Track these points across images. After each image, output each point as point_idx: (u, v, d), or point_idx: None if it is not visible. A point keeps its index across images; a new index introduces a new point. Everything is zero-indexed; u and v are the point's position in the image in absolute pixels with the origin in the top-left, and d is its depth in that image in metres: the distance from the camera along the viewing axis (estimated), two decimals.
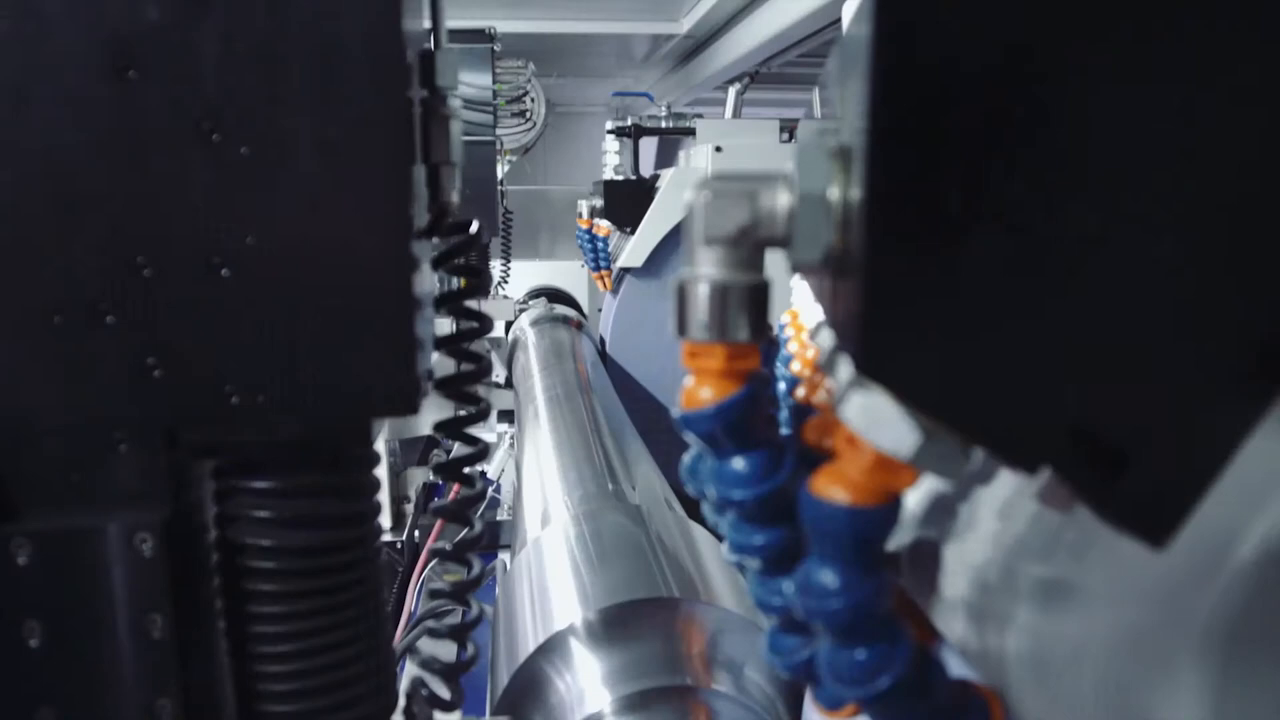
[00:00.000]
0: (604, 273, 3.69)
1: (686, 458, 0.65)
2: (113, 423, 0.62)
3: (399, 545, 2.61)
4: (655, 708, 0.93)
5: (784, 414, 0.70)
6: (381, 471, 2.77)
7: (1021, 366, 0.37)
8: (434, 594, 0.73)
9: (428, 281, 0.71)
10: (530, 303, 4.08)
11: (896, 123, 0.36)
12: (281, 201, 0.61)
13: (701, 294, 0.44)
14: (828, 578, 0.42)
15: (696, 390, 0.46)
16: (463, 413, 0.72)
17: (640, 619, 1.00)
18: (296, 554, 0.64)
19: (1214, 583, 0.37)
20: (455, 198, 0.70)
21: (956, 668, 0.51)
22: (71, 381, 0.61)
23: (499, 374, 3.69)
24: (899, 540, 0.62)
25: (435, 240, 0.73)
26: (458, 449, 0.77)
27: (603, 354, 3.36)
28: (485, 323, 0.72)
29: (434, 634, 0.73)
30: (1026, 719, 0.47)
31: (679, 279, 0.45)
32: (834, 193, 0.41)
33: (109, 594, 0.60)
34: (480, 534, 0.72)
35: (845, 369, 0.49)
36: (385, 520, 2.75)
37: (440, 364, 0.74)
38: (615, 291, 3.46)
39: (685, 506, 1.51)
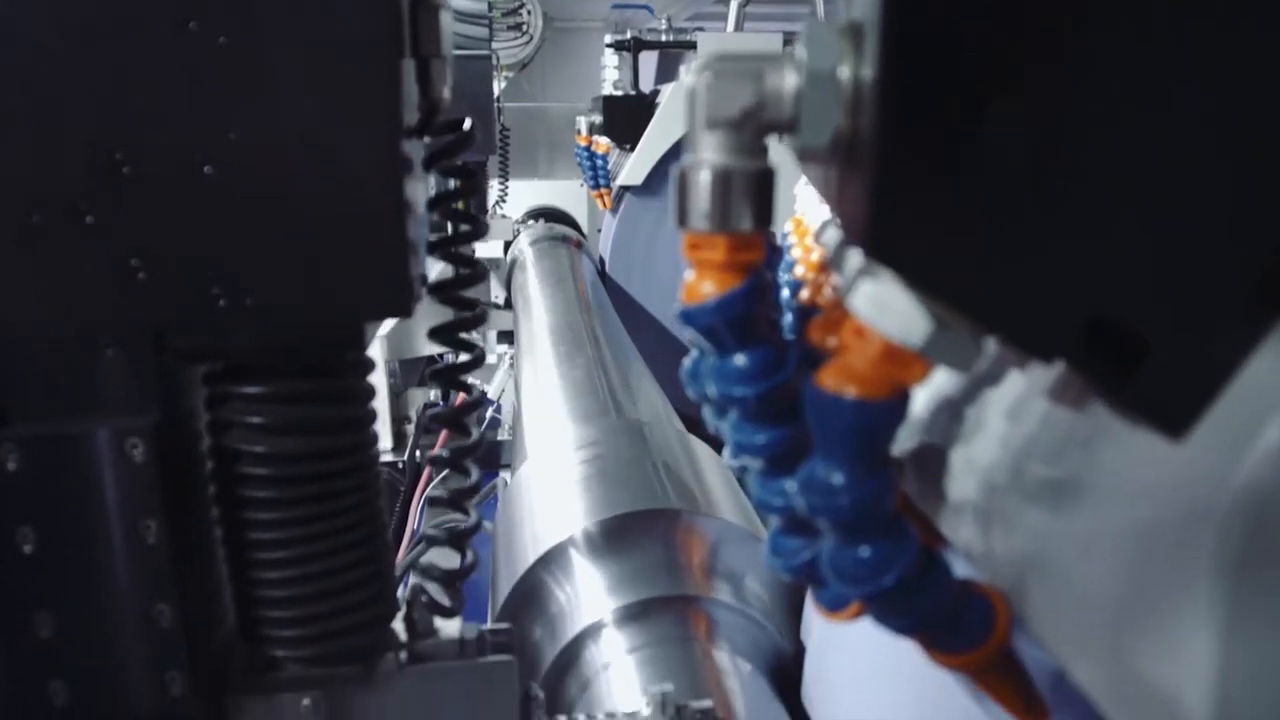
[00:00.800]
0: (603, 191, 3.63)
1: (687, 361, 0.64)
2: (98, 327, 0.60)
3: (400, 466, 2.61)
4: (655, 617, 0.94)
5: (788, 319, 0.69)
6: (381, 392, 2.78)
7: (1040, 252, 0.35)
8: (433, 502, 0.73)
9: (420, 182, 0.69)
10: (529, 223, 4.03)
11: None
12: (263, 95, 0.58)
13: (703, 181, 0.42)
14: (832, 474, 0.40)
15: (697, 284, 0.44)
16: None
17: (640, 530, 1.00)
18: (290, 460, 0.63)
19: (1232, 480, 0.36)
20: (446, 94, 0.67)
21: (961, 571, 0.51)
22: (53, 284, 0.59)
23: (498, 295, 3.67)
24: (902, 446, 0.61)
25: (427, 140, 0.70)
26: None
27: (602, 274, 3.33)
28: (478, 227, 0.70)
29: (433, 541, 0.73)
30: (1031, 618, 0.46)
31: (680, 166, 0.43)
32: (844, 71, 0.39)
33: (101, 500, 0.59)
34: (478, 441, 0.71)
35: (853, 260, 0.47)
36: (386, 441, 2.76)
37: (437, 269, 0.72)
38: (615, 210, 3.42)
39: (686, 428, 1.51)
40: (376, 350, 2.79)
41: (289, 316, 0.60)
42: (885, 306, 0.38)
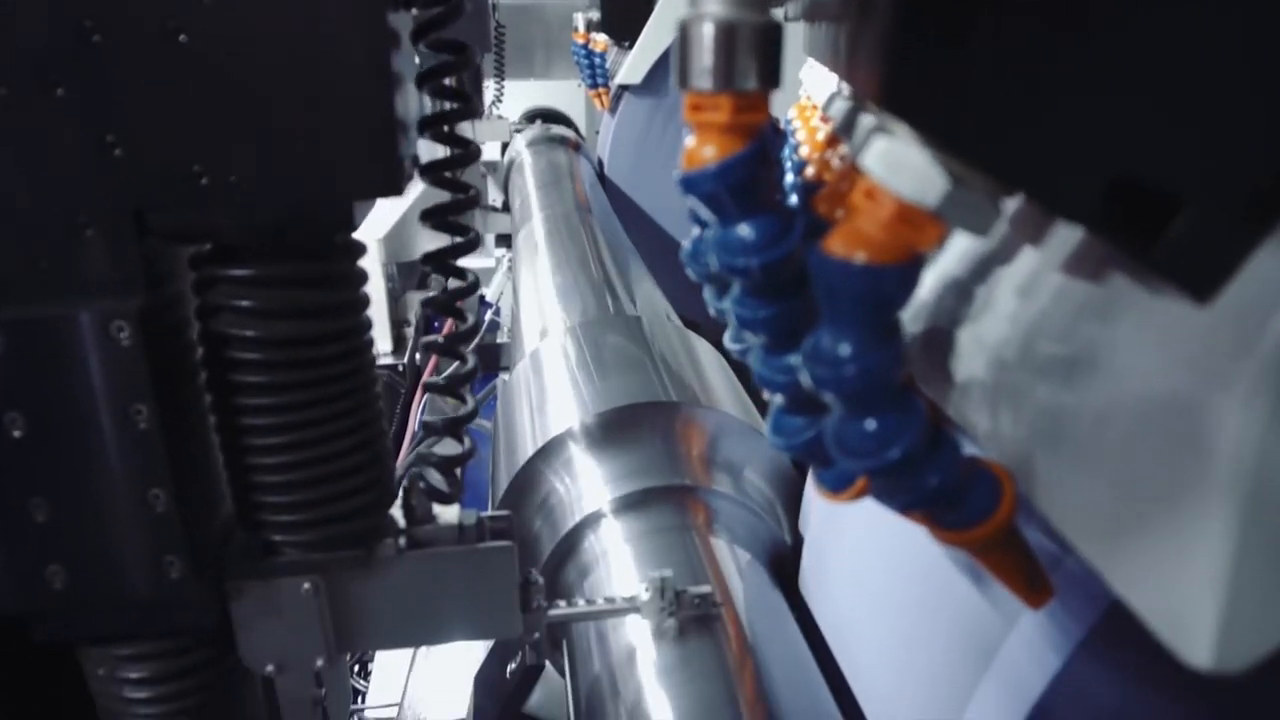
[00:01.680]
0: (601, 90, 3.53)
1: (687, 243, 0.62)
2: (75, 206, 0.58)
3: (400, 369, 2.61)
4: (654, 506, 0.94)
5: (793, 202, 0.66)
6: (380, 295, 2.76)
7: (1067, 103, 0.33)
8: (431, 388, 0.71)
9: (409, 58, 0.65)
10: (526, 124, 3.94)
11: None
12: None
13: (705, 35, 0.39)
14: (839, 344, 0.39)
15: (699, 148, 0.42)
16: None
17: (639, 422, 0.99)
18: (281, 345, 0.62)
19: (1258, 345, 0.34)
20: None
21: (967, 452, 0.50)
22: (26, 161, 0.57)
23: (495, 198, 3.61)
24: (907, 330, 0.60)
25: (414, 12, 0.67)
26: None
27: (601, 176, 3.27)
28: (470, 104, 0.67)
29: (430, 429, 0.72)
30: (1039, 496, 0.45)
31: (681, 20, 0.40)
32: None
33: (89, 384, 0.58)
34: (475, 325, 0.70)
35: (865, 122, 0.45)
36: (385, 344, 2.75)
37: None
38: (613, 110, 3.33)
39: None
40: (374, 253, 2.76)
41: (273, 195, 0.58)
42: (899, 163, 0.36)
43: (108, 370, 0.58)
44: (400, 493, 0.71)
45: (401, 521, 0.71)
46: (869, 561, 0.85)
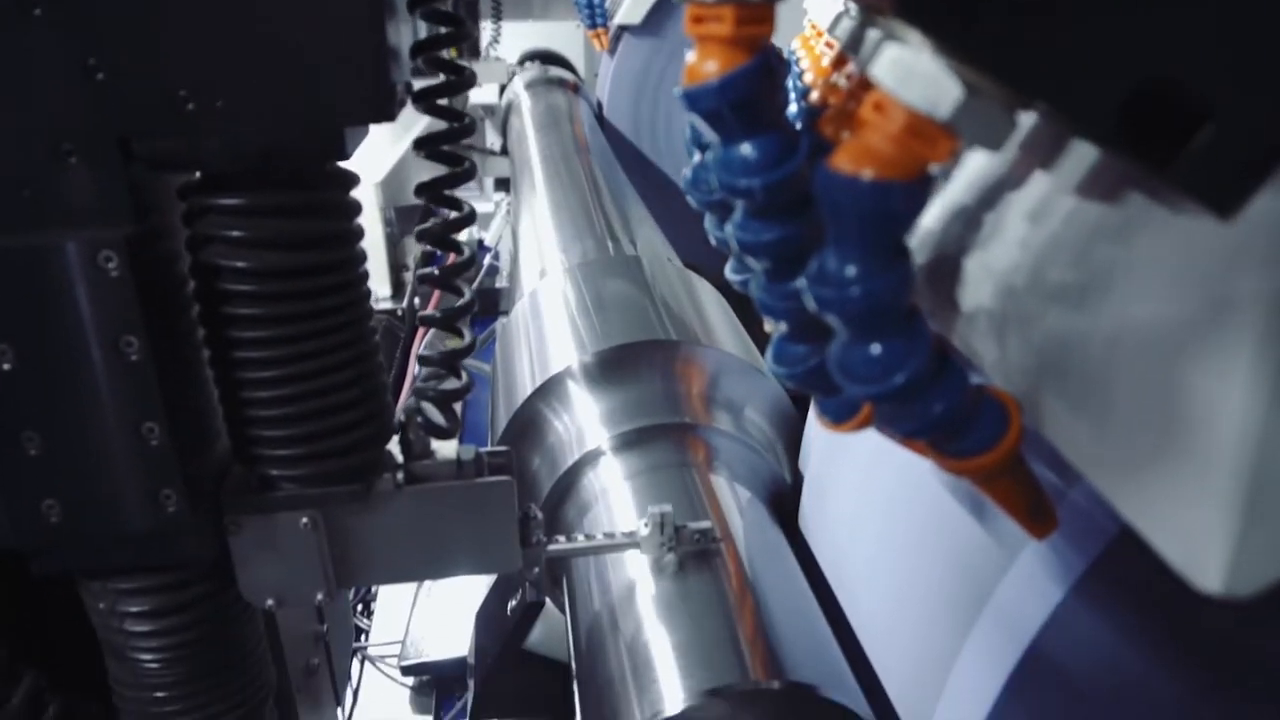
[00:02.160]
0: (600, 30, 3.46)
1: (687, 170, 0.60)
2: (58, 133, 0.56)
3: (399, 313, 2.60)
4: (654, 444, 0.93)
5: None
6: (378, 240, 2.73)
7: (1091, 4, 0.31)
8: (425, 321, 0.70)
9: None
10: (524, 66, 3.87)
11: None
12: None
13: None
14: (845, 264, 0.38)
15: (701, 63, 0.40)
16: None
17: (638, 361, 0.98)
18: (273, 276, 0.60)
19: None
20: None
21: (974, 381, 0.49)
22: (6, 85, 0.55)
23: (493, 142, 3.56)
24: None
25: None
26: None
27: (600, 118, 3.22)
28: (462, 28, 0.64)
29: (426, 362, 0.71)
30: (1048, 424, 0.44)
31: None
32: None
33: (78, 316, 0.57)
34: (470, 258, 0.68)
35: (874, 34, 0.43)
36: (384, 289, 2.73)
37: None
38: (612, 52, 3.27)
39: None
40: (371, 197, 2.73)
41: (261, 121, 0.56)
42: (910, 72, 0.34)
43: (96, 301, 0.57)
44: (398, 428, 0.70)
45: (399, 457, 0.70)
46: (869, 498, 0.85)
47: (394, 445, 0.71)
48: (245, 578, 0.69)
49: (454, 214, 0.66)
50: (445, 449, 0.71)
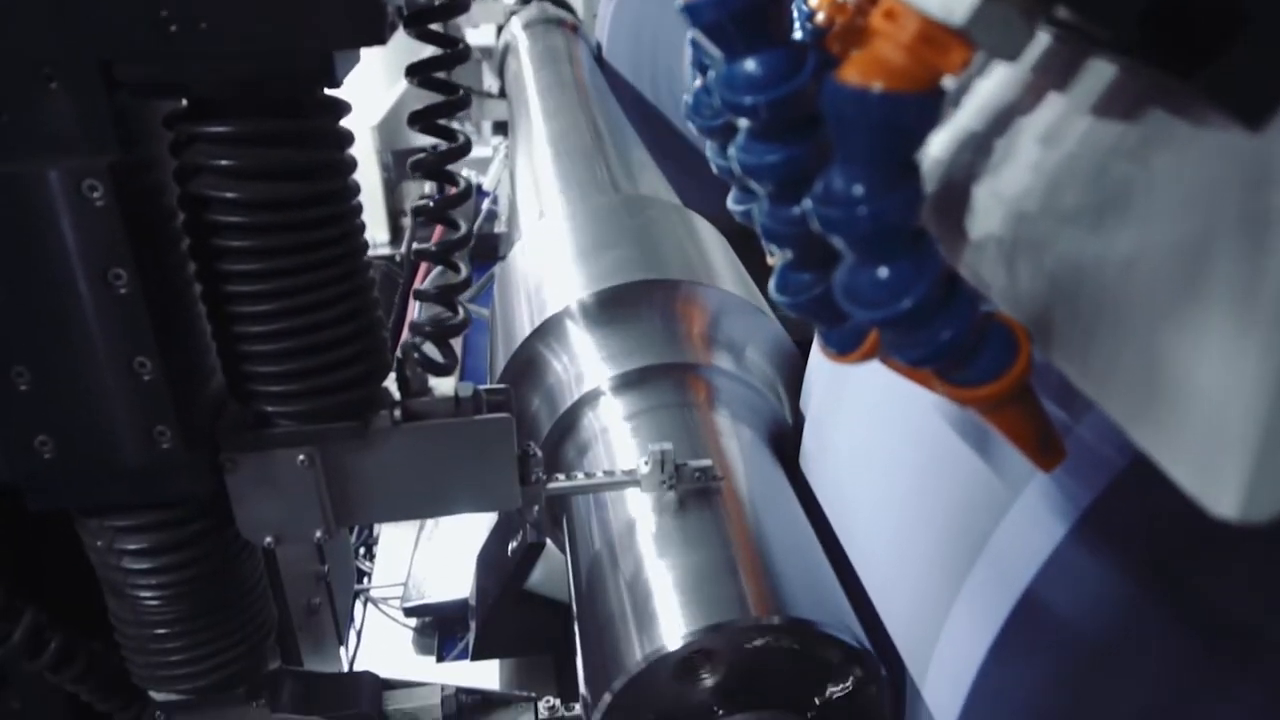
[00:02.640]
0: None
1: (688, 95, 0.58)
2: (37, 57, 0.54)
3: (397, 259, 2.58)
4: (654, 383, 0.92)
5: None
6: (375, 185, 2.70)
7: None
8: (420, 255, 0.69)
9: None
10: (522, 6, 3.79)
11: None
12: None
13: None
14: (853, 182, 0.36)
15: None
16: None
17: (638, 300, 0.97)
18: (263, 207, 0.59)
19: None
20: None
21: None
22: None
23: (491, 84, 3.50)
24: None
25: None
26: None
27: (600, 60, 3.16)
28: None
29: (422, 297, 0.70)
30: (1059, 351, 0.43)
31: None
32: None
33: (63, 246, 0.56)
34: (466, 189, 0.67)
35: None
36: (383, 234, 2.71)
37: None
38: None
39: None
40: (368, 141, 2.69)
41: (247, 42, 0.54)
42: None
43: (82, 232, 0.55)
44: (395, 365, 0.69)
45: (397, 394, 0.69)
46: (871, 437, 0.84)
47: (391, 383, 0.70)
48: (243, 515, 0.69)
49: (448, 144, 0.64)
50: (443, 386, 0.70)
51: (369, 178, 2.65)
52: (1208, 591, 0.60)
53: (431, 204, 0.67)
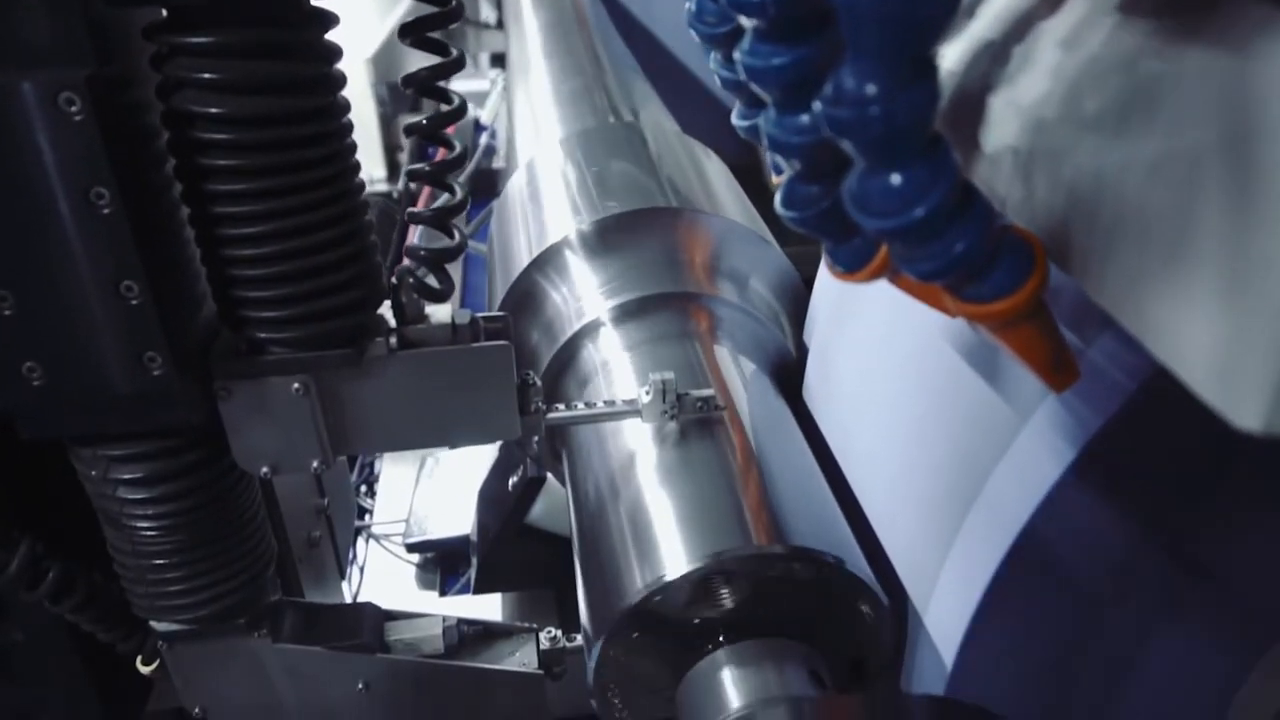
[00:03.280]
0: None
1: (690, 2, 0.56)
2: None
3: (394, 195, 2.54)
4: (655, 313, 0.91)
5: None
6: (371, 119, 2.64)
7: None
8: (414, 176, 0.67)
9: None
10: None
11: None
12: None
13: None
14: (865, 80, 0.34)
15: None
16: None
17: (638, 229, 0.95)
18: (249, 124, 0.56)
19: None
20: None
21: None
22: None
23: (488, 15, 3.42)
24: None
25: None
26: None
27: None
28: None
29: (416, 219, 0.68)
30: (1076, 264, 0.42)
31: None
32: None
33: (40, 162, 0.54)
34: (461, 105, 0.64)
35: None
36: (379, 170, 2.67)
37: None
38: None
39: None
40: (362, 74, 2.63)
41: None
42: None
43: (60, 147, 0.53)
44: (390, 291, 0.67)
45: (392, 321, 0.68)
46: (875, 366, 0.83)
47: (387, 310, 0.69)
48: (238, 444, 0.68)
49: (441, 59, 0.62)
50: (440, 314, 0.69)
51: (364, 112, 2.60)
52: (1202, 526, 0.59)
53: (425, 121, 0.64)
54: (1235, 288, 0.32)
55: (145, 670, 0.80)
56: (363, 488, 1.80)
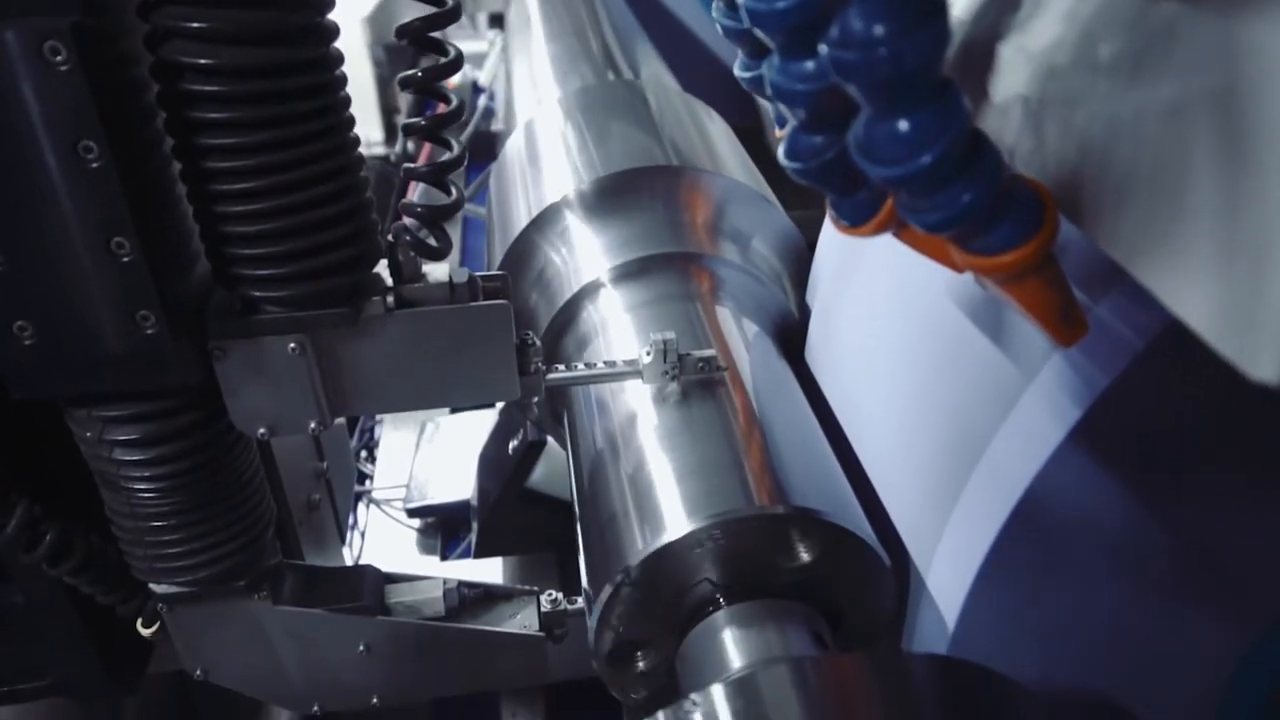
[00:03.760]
0: None
1: None
2: None
3: (392, 158, 2.51)
4: (655, 274, 0.90)
5: None
6: (368, 81, 2.61)
7: None
8: (409, 130, 0.65)
9: None
10: None
11: None
12: None
13: None
14: (873, 21, 0.33)
15: None
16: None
17: (639, 188, 0.93)
18: (241, 75, 0.55)
19: None
20: None
21: None
22: None
23: None
24: None
25: None
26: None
27: None
28: None
29: (413, 175, 0.67)
30: (1088, 216, 0.41)
31: None
32: None
33: (25, 114, 0.52)
34: (457, 58, 0.63)
35: None
36: (377, 133, 2.64)
37: None
38: None
39: None
40: (358, 34, 2.59)
41: None
42: None
43: (46, 98, 0.52)
44: (386, 250, 0.66)
45: (389, 280, 0.67)
46: (879, 326, 0.82)
47: (384, 270, 0.68)
48: (235, 405, 0.67)
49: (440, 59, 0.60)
50: (438, 273, 0.68)
51: (360, 73, 2.56)
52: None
53: (420, 74, 0.63)
54: (1252, 237, 0.31)
55: (145, 633, 0.80)
56: (363, 453, 1.80)
